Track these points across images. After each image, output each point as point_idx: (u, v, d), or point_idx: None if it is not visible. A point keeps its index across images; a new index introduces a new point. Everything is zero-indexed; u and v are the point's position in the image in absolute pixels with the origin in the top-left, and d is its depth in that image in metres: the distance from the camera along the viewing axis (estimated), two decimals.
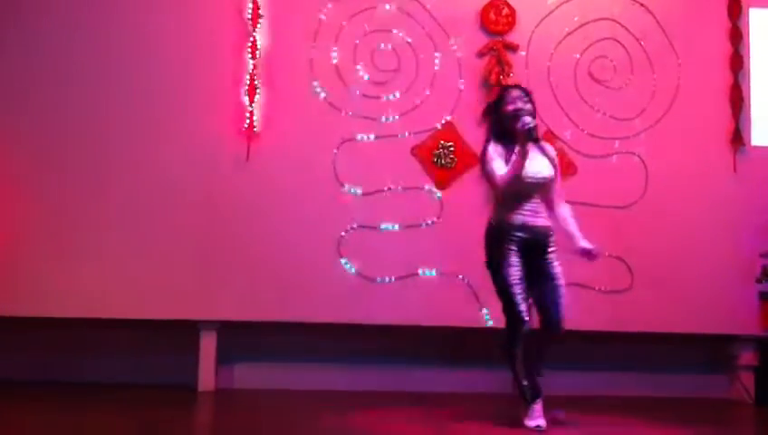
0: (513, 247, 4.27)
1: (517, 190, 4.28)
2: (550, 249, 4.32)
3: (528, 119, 4.20)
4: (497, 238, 4.33)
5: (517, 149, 4.20)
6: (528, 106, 4.32)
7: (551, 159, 4.38)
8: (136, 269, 5.36)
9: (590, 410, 4.86)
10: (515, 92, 4.39)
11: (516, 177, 4.21)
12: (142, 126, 5.47)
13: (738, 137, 5.81)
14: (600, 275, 5.31)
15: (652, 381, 5.61)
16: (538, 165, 4.30)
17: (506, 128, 4.29)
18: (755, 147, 5.84)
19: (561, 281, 4.30)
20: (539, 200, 4.35)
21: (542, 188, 4.34)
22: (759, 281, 5.62)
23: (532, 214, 4.31)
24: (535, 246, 4.29)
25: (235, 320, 5.39)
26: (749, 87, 5.89)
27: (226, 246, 5.41)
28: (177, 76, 5.51)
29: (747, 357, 5.71)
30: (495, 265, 4.31)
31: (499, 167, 4.28)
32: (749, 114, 5.86)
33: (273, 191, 5.48)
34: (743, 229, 5.71)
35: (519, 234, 4.28)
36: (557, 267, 4.30)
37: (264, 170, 5.49)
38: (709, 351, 5.80)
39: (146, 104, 5.48)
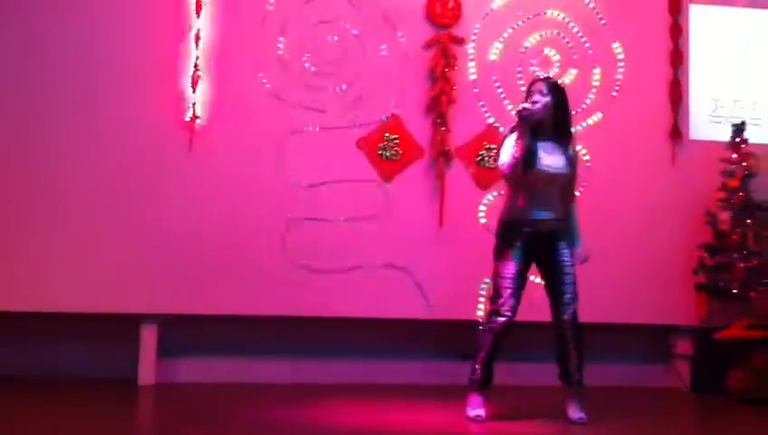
0: (518, 243, 4.31)
1: (528, 181, 4.30)
2: (561, 239, 4.35)
3: (526, 104, 4.28)
4: (504, 232, 4.38)
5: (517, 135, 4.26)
6: (545, 99, 4.35)
7: (569, 159, 4.39)
8: (75, 262, 5.25)
9: (532, 400, 4.93)
10: (537, 85, 4.45)
11: (517, 164, 4.23)
12: (82, 116, 5.33)
13: (677, 131, 5.93)
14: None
15: (591, 371, 5.66)
16: (554, 159, 4.33)
17: None
18: (692, 141, 5.97)
19: (571, 270, 4.35)
20: (551, 195, 4.35)
21: (555, 184, 4.35)
22: (695, 272, 5.75)
23: (540, 207, 4.33)
24: (544, 240, 4.33)
25: (176, 313, 5.32)
26: (688, 82, 6.02)
27: (168, 239, 5.33)
28: (120, 65, 5.38)
29: (683, 346, 5.84)
30: (497, 256, 4.35)
31: (503, 154, 4.33)
32: (687, 109, 5.99)
33: (217, 182, 5.40)
34: (680, 222, 5.83)
35: (526, 229, 4.32)
36: (568, 256, 4.35)
37: (207, 161, 5.41)
38: (647, 340, 5.92)
39: (87, 94, 5.34)
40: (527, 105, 4.28)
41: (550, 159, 4.32)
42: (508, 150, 4.30)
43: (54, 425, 4.02)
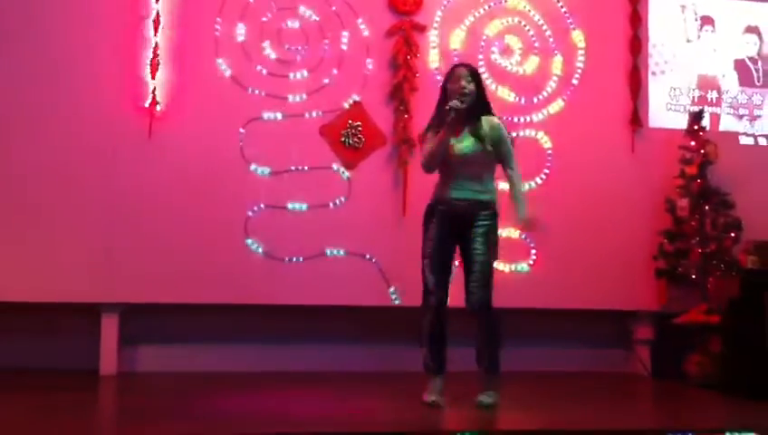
0: (437, 220, 4.37)
1: (446, 166, 4.37)
2: (476, 224, 4.35)
3: (455, 102, 4.27)
4: (427, 212, 4.45)
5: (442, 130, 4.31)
6: (471, 86, 4.36)
7: (483, 136, 4.35)
8: (34, 251, 5.17)
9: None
10: (460, 70, 4.43)
11: (435, 155, 4.32)
12: (40, 103, 5.25)
13: (636, 118, 5.99)
14: (502, 253, 5.38)
15: (553, 357, 5.76)
16: (464, 143, 4.35)
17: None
18: (652, 128, 6.03)
19: (481, 258, 4.31)
20: (469, 176, 4.36)
21: (471, 164, 4.36)
22: (655, 258, 5.82)
23: (460, 188, 4.36)
24: (461, 221, 4.35)
25: (137, 302, 5.27)
26: (647, 70, 6.08)
27: (129, 227, 5.27)
28: (77, 51, 5.31)
29: (644, 332, 5.91)
30: (423, 238, 4.42)
31: (424, 150, 4.42)
32: (647, 96, 6.05)
33: (177, 170, 5.36)
34: (641, 208, 5.89)
35: (442, 207, 4.38)
36: (480, 244, 4.33)
37: (167, 149, 5.35)
38: (609, 326, 5.97)
39: (44, 80, 5.26)
40: (455, 105, 4.28)
41: (459, 145, 4.35)
42: (429, 149, 4.36)
43: (14, 417, 3.96)
